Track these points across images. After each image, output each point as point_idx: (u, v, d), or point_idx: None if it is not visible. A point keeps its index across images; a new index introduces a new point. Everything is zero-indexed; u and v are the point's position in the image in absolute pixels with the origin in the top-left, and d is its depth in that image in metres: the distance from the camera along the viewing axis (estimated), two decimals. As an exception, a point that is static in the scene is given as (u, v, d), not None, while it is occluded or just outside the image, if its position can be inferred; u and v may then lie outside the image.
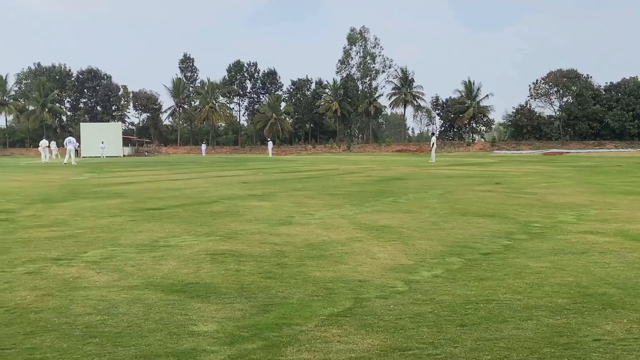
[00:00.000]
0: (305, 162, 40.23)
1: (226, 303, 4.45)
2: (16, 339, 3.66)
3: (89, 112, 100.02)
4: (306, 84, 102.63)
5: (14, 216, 9.65)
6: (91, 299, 4.56)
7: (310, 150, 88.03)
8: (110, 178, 21.50)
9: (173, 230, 8.08)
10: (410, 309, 4.30)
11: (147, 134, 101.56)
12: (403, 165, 30.55)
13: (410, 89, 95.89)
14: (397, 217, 9.28)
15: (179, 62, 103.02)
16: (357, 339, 3.66)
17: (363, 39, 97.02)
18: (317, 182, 18.27)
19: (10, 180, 20.12)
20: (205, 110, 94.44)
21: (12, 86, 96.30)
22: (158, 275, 5.36)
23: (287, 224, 8.58)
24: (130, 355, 3.38)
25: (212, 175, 23.19)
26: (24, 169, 30.15)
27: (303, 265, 5.80)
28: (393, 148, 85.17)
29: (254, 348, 3.48)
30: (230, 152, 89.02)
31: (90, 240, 7.23)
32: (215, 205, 11.06)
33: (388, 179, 19.05)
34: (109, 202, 11.80)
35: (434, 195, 12.93)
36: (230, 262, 5.96)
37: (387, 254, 6.34)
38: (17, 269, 5.64)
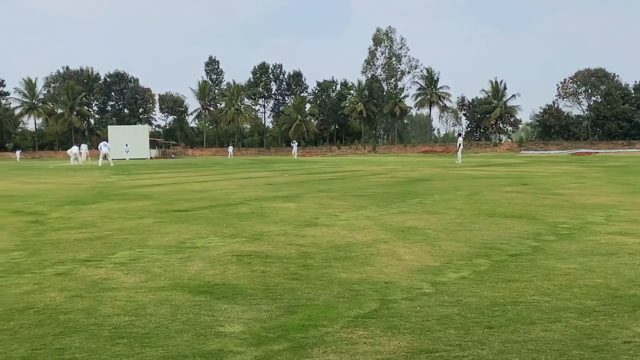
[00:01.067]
0: (330, 163, 40.23)
1: (252, 304, 4.47)
2: (46, 340, 3.71)
3: (116, 115, 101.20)
4: (331, 85, 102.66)
5: (44, 218, 9.80)
6: (119, 300, 4.61)
7: (335, 152, 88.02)
8: (138, 180, 21.72)
9: (199, 231, 8.14)
10: (436, 311, 4.27)
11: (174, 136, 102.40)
12: (429, 166, 30.40)
13: (436, 90, 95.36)
14: (423, 219, 9.24)
15: (205, 64, 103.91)
16: (383, 340, 3.65)
17: (389, 39, 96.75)
18: (342, 183, 18.26)
19: (40, 183, 20.44)
20: (231, 112, 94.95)
21: (40, 90, 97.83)
22: (185, 277, 5.40)
23: (313, 226, 8.59)
24: (158, 356, 3.40)
25: (237, 177, 23.30)
26: (53, 172, 30.60)
27: (329, 266, 5.79)
28: (419, 149, 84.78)
29: (280, 349, 3.49)
30: (255, 153, 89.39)
31: (118, 242, 7.31)
32: (241, 207, 11.11)
33: (414, 180, 18.97)
34: (137, 204, 11.92)
35: (461, 196, 12.84)
36: (256, 263, 5.98)
37: (413, 256, 6.31)
38: (46, 271, 5.72)
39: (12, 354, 3.46)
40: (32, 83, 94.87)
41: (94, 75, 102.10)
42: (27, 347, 3.56)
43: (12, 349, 3.54)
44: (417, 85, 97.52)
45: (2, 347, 3.57)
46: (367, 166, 32.80)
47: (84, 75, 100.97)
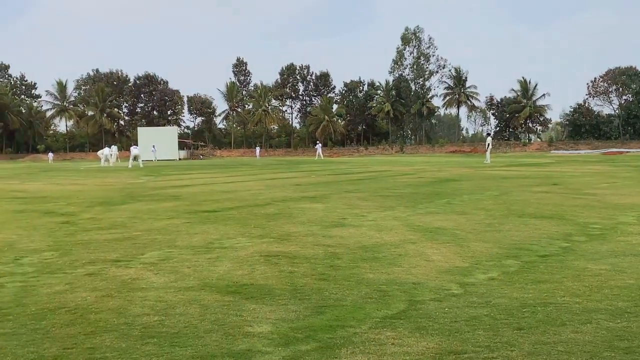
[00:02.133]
0: (357, 164, 40.19)
1: (280, 304, 4.48)
2: (77, 339, 3.76)
3: (146, 116, 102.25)
4: (358, 86, 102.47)
5: (75, 219, 9.94)
6: (149, 300, 4.66)
7: (363, 152, 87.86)
8: (167, 181, 21.92)
9: (227, 232, 8.19)
10: (465, 312, 4.24)
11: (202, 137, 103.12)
12: (457, 167, 30.19)
13: (464, 89, 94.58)
14: (451, 219, 9.18)
15: (233, 66, 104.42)
16: (411, 341, 3.63)
17: (417, 39, 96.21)
18: (369, 183, 18.23)
19: (71, 184, 20.75)
20: (258, 113, 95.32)
21: (71, 92, 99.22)
22: (213, 277, 5.44)
23: (340, 226, 8.59)
24: (187, 356, 3.43)
25: (265, 177, 23.39)
26: (83, 173, 31.03)
27: (356, 267, 5.79)
28: (447, 149, 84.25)
29: (308, 349, 3.50)
30: (282, 154, 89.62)
31: (147, 242, 7.39)
32: (269, 208, 11.15)
33: (442, 181, 18.87)
34: (165, 205, 12.04)
35: (490, 197, 12.74)
36: (283, 263, 6.00)
37: (441, 256, 6.27)
38: (77, 271, 5.80)
39: (45, 352, 3.51)
40: (63, 85, 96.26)
41: (124, 78, 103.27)
42: (58, 346, 3.62)
43: (44, 347, 3.60)
44: (444, 85, 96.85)
45: (34, 346, 3.63)
46: (394, 166, 32.70)
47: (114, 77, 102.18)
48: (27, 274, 5.66)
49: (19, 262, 6.25)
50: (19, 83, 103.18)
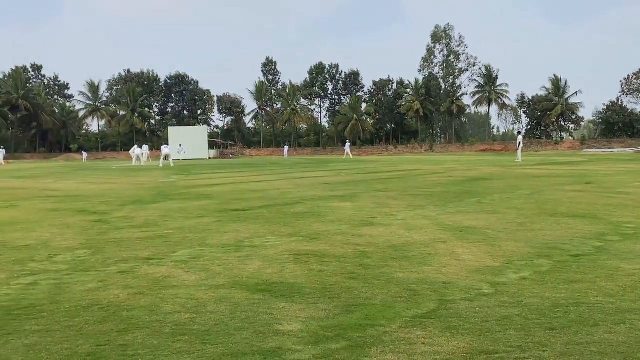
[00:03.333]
0: (386, 162, 40.07)
1: (310, 303, 4.49)
2: (110, 336, 3.82)
3: (176, 116, 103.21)
4: (387, 84, 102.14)
5: (107, 217, 10.07)
6: (180, 298, 4.70)
7: (392, 151, 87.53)
8: (197, 180, 22.10)
9: (257, 230, 8.23)
10: (496, 312, 4.21)
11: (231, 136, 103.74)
12: (487, 165, 29.92)
13: (495, 87, 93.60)
14: (482, 218, 9.10)
15: (262, 65, 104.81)
16: (442, 341, 3.62)
17: (447, 37, 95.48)
18: (399, 182, 18.15)
19: (103, 183, 21.03)
20: (287, 112, 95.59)
21: (103, 92, 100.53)
22: (243, 275, 5.47)
23: (370, 225, 8.57)
24: (218, 353, 3.46)
25: (294, 176, 23.44)
26: (116, 172, 31.42)
27: (386, 266, 5.77)
28: (477, 148, 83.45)
29: (338, 348, 3.50)
30: (311, 153, 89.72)
31: (178, 241, 7.46)
32: (298, 206, 11.18)
33: (472, 179, 18.71)
34: (196, 204, 12.13)
35: (521, 196, 12.60)
36: (313, 262, 6.01)
37: (472, 256, 6.23)
38: (110, 268, 5.88)
39: (78, 349, 3.57)
40: (95, 86, 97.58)
41: (155, 78, 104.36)
42: (92, 343, 3.67)
43: (77, 344, 3.66)
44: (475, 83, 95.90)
45: (68, 342, 3.69)
46: (424, 165, 32.53)
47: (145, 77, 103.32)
48: (61, 272, 5.75)
49: (52, 260, 6.36)
50: (52, 83, 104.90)
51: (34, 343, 3.69)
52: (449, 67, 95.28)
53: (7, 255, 6.68)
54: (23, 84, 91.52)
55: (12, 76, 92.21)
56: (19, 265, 6.09)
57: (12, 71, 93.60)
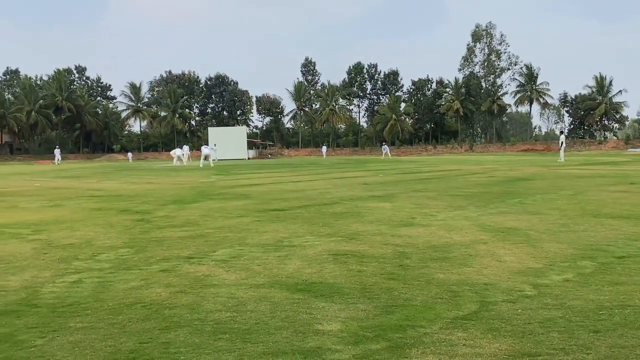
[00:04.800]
0: (425, 162, 39.81)
1: (349, 303, 4.48)
2: (152, 334, 3.87)
3: (216, 116, 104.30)
4: (426, 84, 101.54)
5: (149, 217, 10.22)
6: (221, 297, 4.74)
7: (431, 151, 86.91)
8: (236, 180, 22.28)
9: (296, 230, 8.25)
10: (539, 314, 4.14)
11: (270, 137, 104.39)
12: (529, 165, 29.48)
13: (536, 86, 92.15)
14: (523, 219, 8.97)
15: (301, 65, 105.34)
16: (483, 343, 3.57)
17: (488, 35, 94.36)
18: (438, 183, 18.02)
19: (145, 183, 21.36)
20: (326, 112, 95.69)
21: (145, 93, 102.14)
22: (283, 275, 5.49)
23: (409, 225, 8.52)
24: (258, 352, 3.47)
25: (332, 176, 23.45)
26: (157, 172, 31.88)
27: (426, 267, 5.73)
28: (518, 147, 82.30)
29: (378, 349, 3.48)
30: (349, 153, 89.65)
31: (218, 240, 7.53)
32: (337, 206, 11.17)
33: (513, 180, 18.46)
34: (235, 203, 12.23)
35: (564, 196, 12.38)
36: (352, 262, 6.00)
37: (513, 257, 6.14)
38: (152, 267, 5.96)
39: (121, 346, 3.63)
40: (137, 87, 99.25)
41: (195, 79, 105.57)
42: (135, 341, 3.73)
43: (121, 342, 3.72)
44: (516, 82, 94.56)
45: (112, 340, 3.75)
46: (464, 165, 32.22)
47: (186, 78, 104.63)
48: (104, 270, 5.85)
49: (96, 259, 6.47)
50: (95, 85, 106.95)
51: (78, 340, 3.76)
52: (490, 65, 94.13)
53: (53, 253, 6.83)
54: (66, 86, 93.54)
55: (55, 78, 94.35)
56: (63, 264, 6.21)
57: (55, 73, 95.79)
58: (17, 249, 7.13)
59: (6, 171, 39.62)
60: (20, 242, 7.68)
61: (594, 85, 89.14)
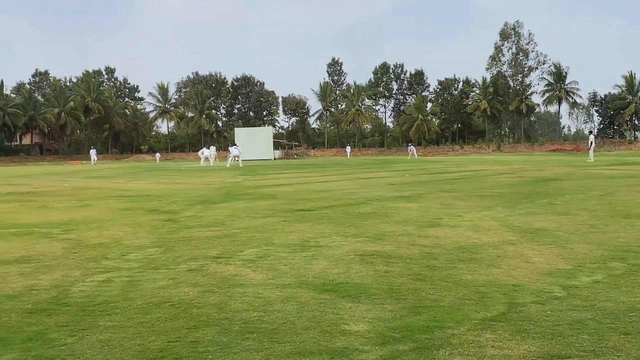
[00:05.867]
0: (452, 163, 39.56)
1: (376, 303, 4.47)
2: (180, 333, 3.90)
3: (242, 117, 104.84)
4: (453, 84, 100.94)
5: (177, 216, 10.30)
6: (248, 296, 4.76)
7: (458, 151, 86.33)
8: (263, 180, 22.37)
9: (322, 230, 8.25)
10: (568, 316, 4.09)
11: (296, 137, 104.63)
12: (558, 166, 29.14)
13: (565, 85, 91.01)
14: (552, 220, 8.86)
15: (327, 66, 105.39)
16: (512, 344, 3.54)
17: (516, 34, 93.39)
18: (465, 183, 17.89)
19: (173, 183, 21.55)
20: (352, 113, 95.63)
21: (172, 94, 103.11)
22: (309, 275, 5.50)
23: (436, 226, 8.47)
24: (285, 352, 3.48)
25: (358, 177, 23.42)
26: (184, 173, 32.14)
27: (453, 267, 5.69)
28: (547, 147, 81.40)
29: (406, 350, 3.47)
30: (375, 154, 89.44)
31: (245, 240, 7.56)
32: (363, 207, 11.15)
33: (542, 180, 18.26)
34: (262, 204, 12.27)
35: (593, 197, 12.21)
36: (379, 263, 5.98)
37: (542, 258, 6.07)
38: (180, 267, 6.01)
39: (150, 345, 3.66)
40: (164, 88, 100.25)
41: (222, 80, 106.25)
42: (163, 340, 3.76)
43: (149, 340, 3.75)
44: (544, 82, 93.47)
45: (140, 338, 3.79)
46: (491, 165, 31.95)
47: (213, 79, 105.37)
48: (133, 269, 5.91)
49: (125, 258, 6.54)
50: (123, 86, 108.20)
51: (107, 339, 3.80)
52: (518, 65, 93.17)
53: (82, 252, 6.91)
54: (95, 87, 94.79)
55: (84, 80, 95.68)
56: (93, 263, 6.29)
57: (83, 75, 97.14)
58: (48, 249, 7.24)
59: (36, 171, 40.27)
60: (51, 242, 7.79)
61: (624, 84, 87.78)
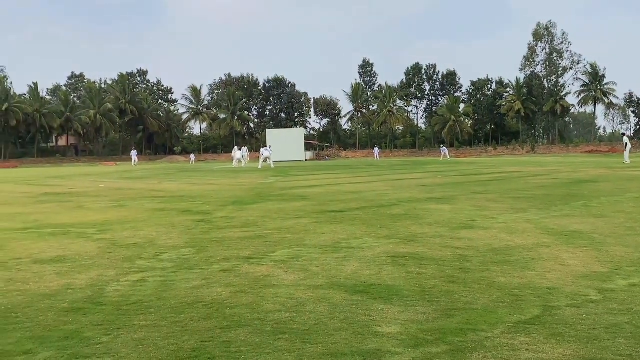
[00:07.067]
0: (485, 164, 39.18)
1: (409, 306, 4.45)
2: (214, 333, 3.93)
3: (274, 118, 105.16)
4: (486, 84, 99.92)
5: (210, 217, 10.39)
6: (280, 297, 4.78)
7: (491, 152, 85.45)
8: (294, 182, 22.42)
9: (354, 232, 8.24)
10: (605, 319, 4.02)
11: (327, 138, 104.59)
12: (594, 167, 28.67)
13: (601, 86, 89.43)
14: (588, 222, 8.73)
15: (359, 67, 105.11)
16: (547, 348, 3.49)
17: (549, 34, 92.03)
18: (499, 185, 17.71)
19: (206, 184, 21.73)
20: (383, 114, 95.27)
21: (205, 96, 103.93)
22: (341, 276, 5.50)
23: (469, 228, 8.41)
24: (318, 353, 3.49)
25: (390, 178, 23.34)
26: (217, 174, 32.37)
27: (487, 270, 5.64)
28: (582, 149, 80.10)
29: (439, 352, 3.45)
30: (407, 155, 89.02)
31: (277, 241, 7.59)
32: (395, 208, 11.12)
33: (577, 182, 17.99)
34: (294, 205, 12.31)
35: (630, 199, 12.00)
36: (411, 265, 5.96)
37: (578, 261, 5.98)
38: (212, 267, 6.06)
39: (184, 345, 3.70)
40: (197, 90, 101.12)
41: (254, 81, 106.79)
42: (196, 339, 3.79)
43: (183, 340, 3.79)
44: (579, 82, 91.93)
45: (174, 338, 3.83)
46: (525, 167, 31.57)
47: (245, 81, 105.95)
48: (167, 269, 5.98)
49: (159, 258, 6.62)
50: (156, 88, 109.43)
51: (142, 338, 3.85)
52: (552, 65, 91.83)
53: (117, 253, 7.01)
54: (129, 89, 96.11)
55: (119, 82, 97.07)
56: (127, 263, 6.38)
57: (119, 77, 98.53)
58: (83, 248, 7.36)
59: (72, 172, 40.96)
60: (86, 242, 7.92)
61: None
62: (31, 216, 11.23)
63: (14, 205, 13.87)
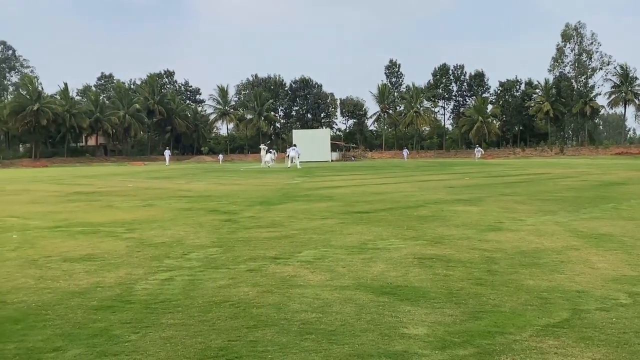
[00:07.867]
0: (513, 166, 38.82)
1: (436, 307, 4.43)
2: (240, 332, 3.95)
3: (300, 119, 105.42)
4: (514, 85, 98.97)
5: (236, 217, 10.44)
6: (306, 297, 4.79)
7: (519, 154, 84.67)
8: (320, 182, 22.44)
9: (381, 233, 8.22)
10: (635, 323, 3.97)
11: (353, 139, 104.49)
12: (624, 169, 28.25)
13: (631, 87, 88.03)
14: (618, 225, 8.61)
15: (385, 68, 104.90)
16: (575, 351, 3.45)
17: (579, 35, 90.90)
18: (527, 186, 17.54)
19: (232, 184, 21.84)
20: (410, 114, 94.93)
21: (232, 97, 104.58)
22: (368, 277, 5.49)
23: (497, 230, 8.34)
24: (344, 353, 3.49)
25: (417, 179, 23.25)
26: (244, 174, 32.53)
27: (515, 272, 5.59)
28: (612, 151, 79.01)
29: (466, 355, 3.43)
30: (434, 156, 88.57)
31: (303, 241, 7.61)
32: (422, 210, 11.07)
33: (607, 184, 17.74)
34: (320, 205, 12.32)
35: (662, 202, 11.79)
36: (438, 266, 5.93)
37: (607, 264, 5.90)
38: (239, 266, 6.09)
39: (211, 344, 3.72)
40: (224, 91, 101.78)
41: (280, 82, 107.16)
42: (224, 338, 3.82)
43: (210, 339, 3.82)
44: (609, 83, 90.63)
45: (202, 337, 3.86)
46: (554, 169, 31.21)
47: (271, 82, 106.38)
48: (194, 269, 6.02)
49: (186, 257, 6.67)
50: (183, 89, 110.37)
51: (170, 336, 3.89)
52: (581, 66, 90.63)
53: (145, 251, 7.09)
54: (158, 90, 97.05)
55: (148, 82, 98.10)
56: (155, 262, 6.44)
57: (148, 77, 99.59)
58: (112, 247, 7.45)
59: (102, 172, 41.49)
60: (115, 240, 8.01)
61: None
62: (61, 215, 11.39)
63: (44, 204, 14.08)
